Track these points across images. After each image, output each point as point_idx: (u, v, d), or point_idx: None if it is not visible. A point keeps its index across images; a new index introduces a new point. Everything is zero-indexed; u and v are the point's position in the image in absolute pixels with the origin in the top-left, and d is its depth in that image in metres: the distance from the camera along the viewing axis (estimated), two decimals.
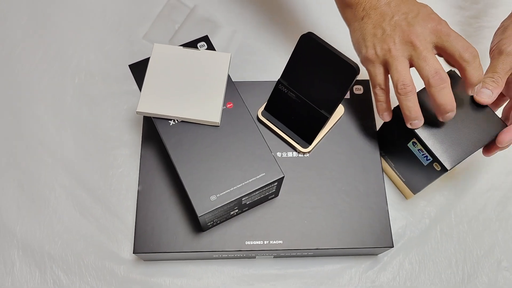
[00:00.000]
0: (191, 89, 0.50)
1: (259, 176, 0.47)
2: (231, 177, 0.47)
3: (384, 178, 0.57)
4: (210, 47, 0.54)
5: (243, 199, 0.47)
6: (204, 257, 0.55)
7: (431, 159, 0.49)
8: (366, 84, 0.60)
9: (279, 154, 0.56)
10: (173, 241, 0.51)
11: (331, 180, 0.55)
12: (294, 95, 0.53)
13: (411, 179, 0.55)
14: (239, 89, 0.52)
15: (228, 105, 0.50)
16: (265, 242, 0.52)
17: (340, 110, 0.58)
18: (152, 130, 0.56)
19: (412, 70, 0.48)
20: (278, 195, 0.54)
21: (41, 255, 0.56)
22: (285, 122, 0.56)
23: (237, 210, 0.51)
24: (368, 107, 0.58)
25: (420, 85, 0.49)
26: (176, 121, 0.49)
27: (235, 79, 0.57)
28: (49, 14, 0.70)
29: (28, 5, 0.71)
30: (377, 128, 0.58)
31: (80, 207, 0.58)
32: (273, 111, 0.56)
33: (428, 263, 0.57)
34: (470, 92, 0.48)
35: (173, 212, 0.53)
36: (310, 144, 0.55)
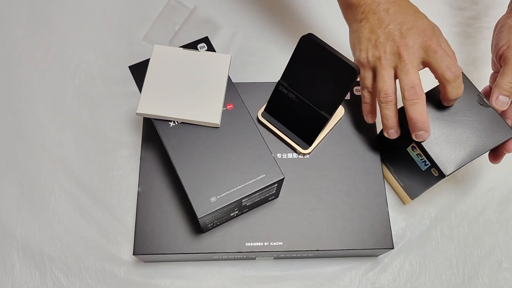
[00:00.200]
0: (191, 90, 0.50)
1: (259, 177, 0.47)
2: (231, 178, 0.47)
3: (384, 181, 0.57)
4: (210, 48, 0.54)
5: (243, 200, 0.47)
6: (204, 258, 0.54)
7: (429, 164, 0.49)
8: None
9: (279, 155, 0.56)
10: (173, 242, 0.51)
11: (331, 182, 0.55)
12: (294, 96, 0.53)
13: (409, 184, 0.55)
14: (239, 90, 0.52)
15: (228, 106, 0.50)
16: (265, 244, 0.51)
17: (340, 111, 0.57)
18: (152, 131, 0.56)
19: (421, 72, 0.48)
20: (278, 196, 0.53)
21: (41, 257, 0.56)
22: (285, 123, 0.56)
23: (237, 212, 0.51)
24: None
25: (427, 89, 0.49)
26: (176, 123, 0.49)
27: (235, 80, 0.57)
28: (49, 15, 0.70)
29: (28, 5, 0.71)
30: (377, 129, 0.58)
31: (80, 208, 0.58)
32: (273, 112, 0.56)
33: (429, 264, 0.57)
34: (446, 104, 0.50)
35: (173, 213, 0.53)
36: (310, 145, 0.55)
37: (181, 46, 0.53)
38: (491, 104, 0.50)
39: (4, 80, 0.66)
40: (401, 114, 0.50)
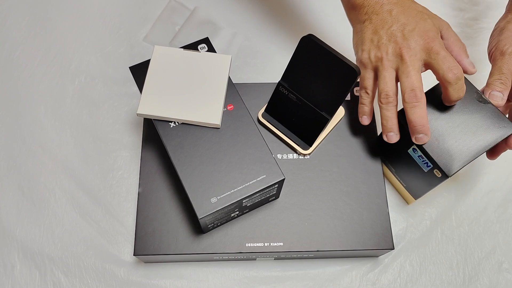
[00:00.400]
0: (192, 91, 0.50)
1: (260, 178, 0.47)
2: (232, 179, 0.47)
3: (385, 181, 0.57)
4: (211, 49, 0.54)
5: (243, 201, 0.47)
6: (205, 259, 0.54)
7: (432, 165, 0.49)
8: None
9: (279, 156, 0.56)
10: (173, 243, 0.51)
11: (331, 182, 0.55)
12: (294, 97, 0.53)
13: (412, 185, 0.55)
14: (240, 91, 0.52)
15: (229, 107, 0.50)
16: (266, 244, 0.51)
17: (340, 112, 0.58)
18: (152, 132, 0.56)
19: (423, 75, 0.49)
20: (278, 197, 0.54)
21: (41, 257, 0.56)
22: (286, 124, 0.56)
23: (237, 212, 0.51)
24: None
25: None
26: (177, 123, 0.49)
27: (236, 81, 0.57)
28: (49, 16, 0.70)
29: (28, 7, 0.71)
30: (377, 129, 0.58)
31: (80, 209, 0.58)
32: (273, 113, 0.56)
33: (429, 265, 0.57)
34: (447, 104, 0.50)
35: (173, 214, 0.53)
36: (311, 146, 0.55)
37: (181, 47, 0.53)
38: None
39: (4, 81, 0.66)
40: (401, 116, 0.50)
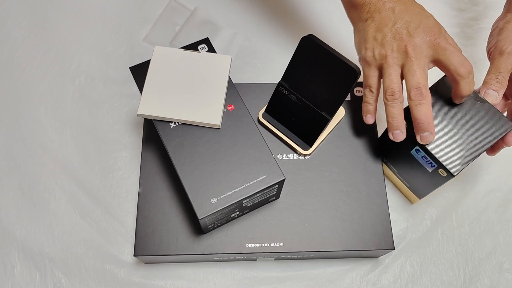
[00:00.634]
0: (192, 91, 0.50)
1: (260, 178, 0.47)
2: (232, 179, 0.47)
3: (386, 182, 0.57)
4: (211, 49, 0.54)
5: (244, 201, 0.47)
6: (205, 259, 0.54)
7: (436, 165, 0.49)
8: None
9: (280, 156, 0.56)
10: (173, 243, 0.51)
11: (331, 182, 0.55)
12: (295, 97, 0.53)
13: (416, 185, 0.55)
14: (240, 91, 0.52)
15: (229, 107, 0.50)
16: (266, 245, 0.51)
17: (341, 112, 0.57)
18: (152, 132, 0.56)
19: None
20: (279, 197, 0.53)
21: (42, 258, 0.56)
22: (286, 124, 0.56)
23: (238, 213, 0.51)
24: None
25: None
26: (177, 124, 0.49)
27: (236, 81, 0.57)
28: (49, 16, 0.70)
29: (28, 7, 0.71)
30: (377, 130, 0.58)
31: (80, 210, 0.58)
32: (273, 113, 0.56)
33: (430, 266, 0.57)
34: (457, 102, 0.49)
35: (173, 214, 0.53)
36: (311, 146, 0.55)
37: (181, 47, 0.53)
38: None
39: (4, 81, 0.66)
40: (405, 115, 0.49)
